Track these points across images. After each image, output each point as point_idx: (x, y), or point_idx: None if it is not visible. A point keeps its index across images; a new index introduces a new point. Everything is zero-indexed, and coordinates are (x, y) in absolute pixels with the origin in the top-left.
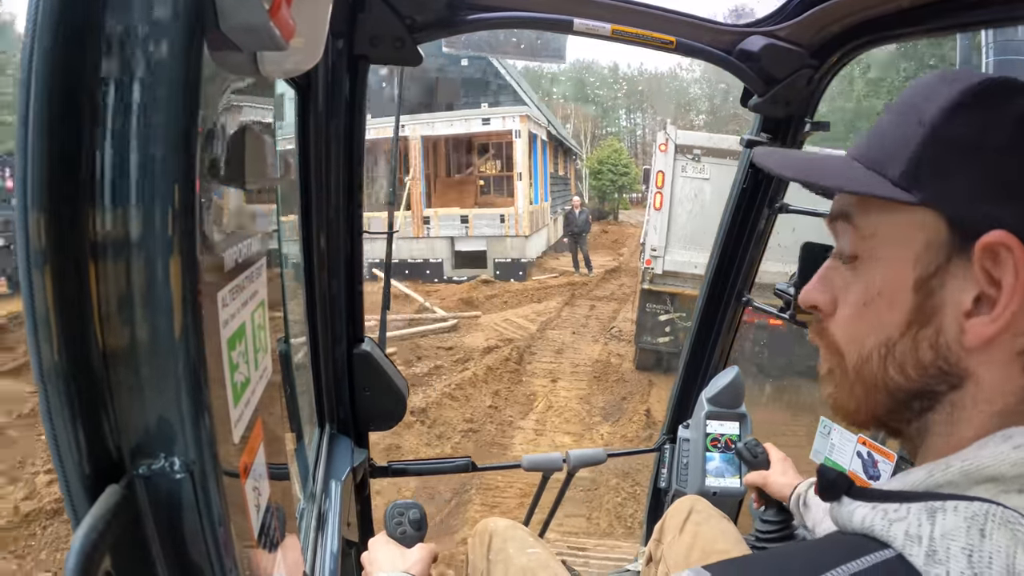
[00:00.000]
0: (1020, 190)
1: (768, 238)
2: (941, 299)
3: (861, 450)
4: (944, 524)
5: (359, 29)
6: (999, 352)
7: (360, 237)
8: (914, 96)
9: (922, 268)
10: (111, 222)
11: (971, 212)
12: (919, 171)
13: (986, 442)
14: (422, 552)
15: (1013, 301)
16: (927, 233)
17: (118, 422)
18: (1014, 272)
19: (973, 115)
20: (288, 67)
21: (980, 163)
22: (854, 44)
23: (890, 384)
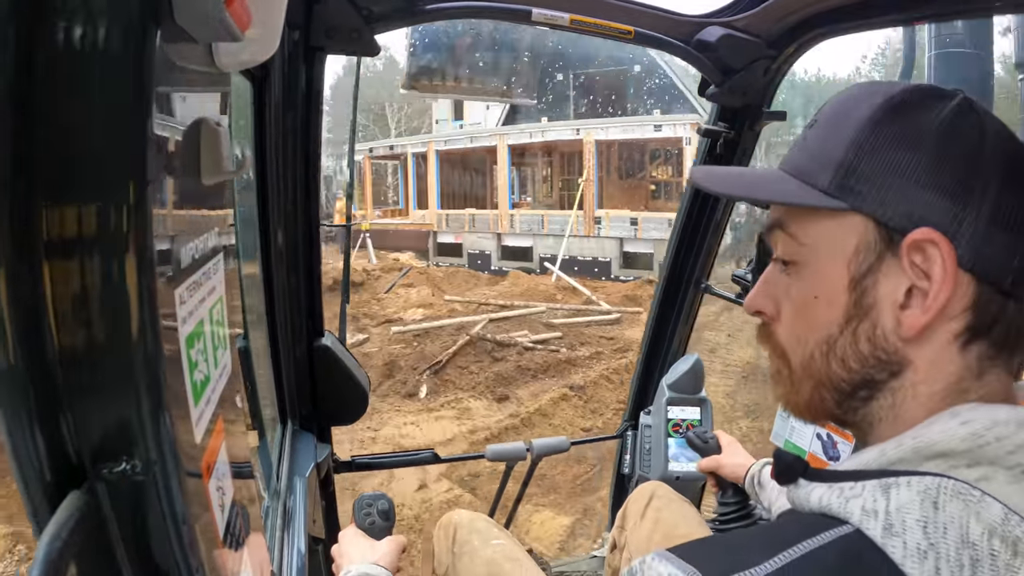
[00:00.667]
0: (940, 191)
1: (725, 225)
2: (875, 296)
3: (820, 432)
4: (899, 498)
5: (315, 20)
6: (935, 338)
7: (318, 230)
8: (838, 108)
9: (855, 268)
10: (64, 220)
11: (897, 213)
12: (846, 180)
13: (934, 420)
14: (391, 545)
15: (943, 291)
16: (858, 236)
17: (76, 425)
18: (942, 264)
19: (894, 124)
20: (244, 59)
21: (902, 169)
22: (810, 35)
23: (834, 378)
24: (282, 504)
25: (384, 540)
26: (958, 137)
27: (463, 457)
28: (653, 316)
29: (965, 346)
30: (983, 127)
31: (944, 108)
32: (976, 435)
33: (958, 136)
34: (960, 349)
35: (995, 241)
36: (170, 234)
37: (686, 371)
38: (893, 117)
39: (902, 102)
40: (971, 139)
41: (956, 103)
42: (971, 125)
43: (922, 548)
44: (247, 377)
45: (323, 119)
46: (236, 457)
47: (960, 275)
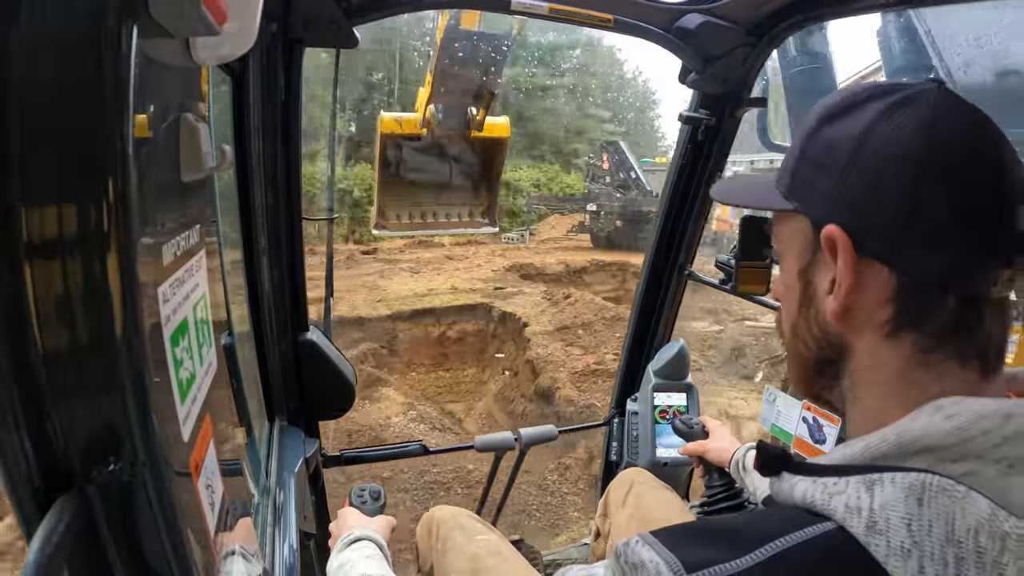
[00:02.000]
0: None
1: (708, 212)
2: (814, 285)
3: (806, 415)
4: (883, 495)
5: (293, 12)
6: (861, 324)
7: (300, 224)
8: (808, 114)
9: (801, 262)
10: (44, 220)
11: (818, 213)
12: (794, 184)
13: (918, 414)
14: (383, 521)
15: (845, 278)
16: (803, 234)
17: (63, 428)
18: (843, 256)
19: (826, 132)
20: (222, 53)
21: (828, 175)
22: (789, 22)
23: (801, 355)
24: (272, 500)
25: (377, 517)
26: (873, 139)
27: (451, 448)
28: (637, 303)
29: (894, 335)
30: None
31: (874, 109)
32: (961, 429)
33: (873, 138)
34: (888, 338)
35: (908, 239)
36: (151, 231)
37: (671, 357)
38: (826, 124)
39: (839, 108)
40: (884, 140)
41: (890, 102)
42: (894, 126)
43: (906, 546)
44: (233, 374)
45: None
46: (225, 455)
47: (867, 267)
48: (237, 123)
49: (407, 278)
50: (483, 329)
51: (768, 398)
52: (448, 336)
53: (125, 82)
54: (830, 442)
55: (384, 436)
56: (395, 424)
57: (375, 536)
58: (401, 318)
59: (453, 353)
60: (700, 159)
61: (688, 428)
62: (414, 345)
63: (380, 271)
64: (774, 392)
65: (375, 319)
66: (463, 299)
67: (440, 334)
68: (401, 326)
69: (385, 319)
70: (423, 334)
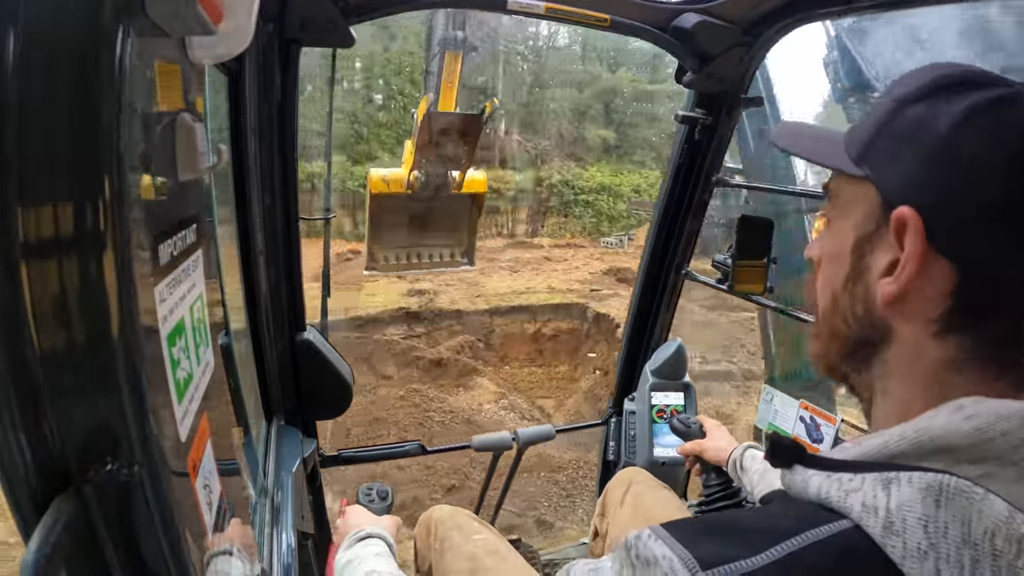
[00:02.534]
0: (937, 182)
1: (705, 212)
2: (869, 262)
3: (804, 415)
4: (900, 495)
5: (290, 12)
6: (912, 314)
7: (297, 224)
8: (893, 84)
9: (859, 233)
10: (40, 220)
11: (894, 189)
12: (868, 152)
13: (938, 412)
14: (389, 520)
15: (909, 265)
16: (866, 204)
17: (60, 428)
18: (912, 241)
19: (917, 109)
20: (218, 52)
21: (914, 153)
22: (786, 21)
23: (838, 331)
24: (270, 500)
25: (384, 516)
26: (974, 129)
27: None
28: (635, 303)
29: (942, 334)
30: (998, 128)
31: (967, 101)
32: (980, 430)
33: (964, 132)
34: (936, 336)
35: (985, 240)
36: (148, 231)
37: (669, 357)
38: (925, 97)
39: (933, 87)
40: (976, 138)
41: (982, 99)
42: (985, 122)
43: (922, 548)
44: (230, 373)
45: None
46: (222, 454)
47: (934, 258)
48: (234, 123)
49: (506, 276)
50: (577, 328)
51: (766, 397)
52: (543, 333)
53: (120, 81)
54: (827, 441)
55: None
56: (486, 410)
57: (384, 534)
58: (498, 313)
59: (547, 350)
60: (697, 159)
61: (686, 427)
62: (509, 340)
63: (480, 268)
64: (771, 391)
65: (473, 313)
66: (559, 298)
67: (535, 331)
68: (498, 321)
69: (483, 313)
70: (519, 330)
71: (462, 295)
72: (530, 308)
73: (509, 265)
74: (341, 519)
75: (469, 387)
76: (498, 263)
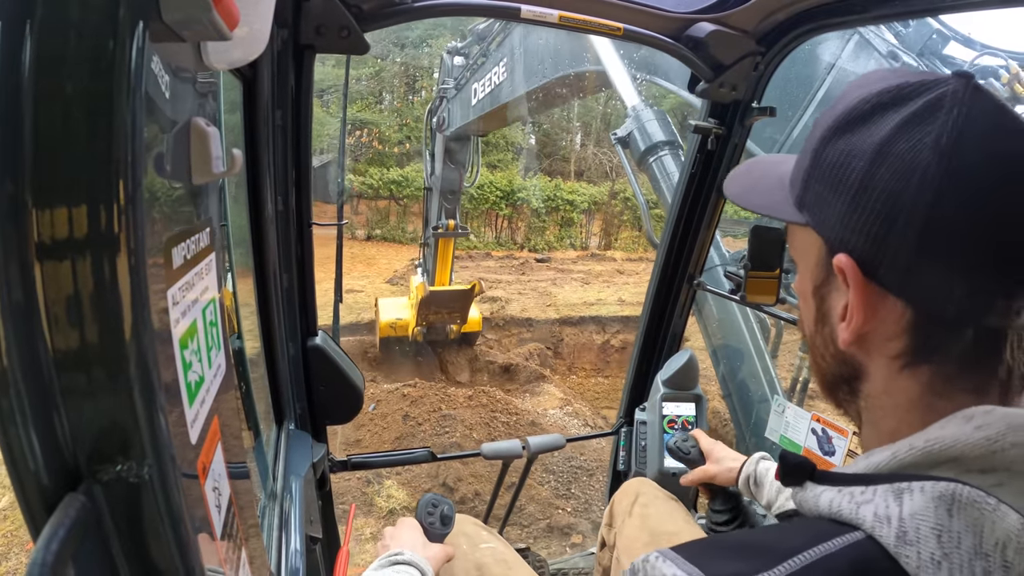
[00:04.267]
0: (864, 223)
1: (717, 222)
2: (829, 305)
3: (815, 427)
4: (912, 504)
5: (304, 18)
6: (876, 352)
7: (310, 229)
8: (829, 106)
9: (814, 279)
10: (54, 222)
11: (832, 236)
12: (805, 195)
13: (947, 423)
14: (439, 552)
15: (856, 312)
16: (815, 251)
17: (72, 428)
18: (854, 287)
19: (840, 143)
20: (233, 57)
21: (839, 196)
22: (800, 31)
23: (819, 366)
24: (279, 504)
25: (435, 545)
26: (888, 161)
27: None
28: (647, 312)
29: (908, 368)
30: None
31: (891, 121)
32: (990, 440)
33: (888, 160)
34: (903, 370)
35: (924, 271)
36: (161, 234)
37: (680, 367)
38: (843, 130)
39: (856, 115)
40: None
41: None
42: (911, 145)
43: (936, 558)
44: (241, 377)
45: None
46: (232, 458)
47: (881, 297)
48: (248, 128)
49: (577, 287)
50: None
51: (777, 409)
52: (611, 344)
53: (135, 85)
54: (839, 454)
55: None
56: (551, 415)
57: (423, 565)
58: (568, 323)
59: (614, 361)
60: (710, 169)
61: (685, 453)
62: (577, 349)
63: (553, 279)
64: (783, 403)
65: (543, 322)
66: (628, 311)
67: (603, 342)
68: (567, 331)
69: (553, 322)
70: (587, 340)
71: (533, 304)
72: (599, 319)
73: (581, 276)
74: (390, 527)
75: (536, 392)
76: (570, 274)
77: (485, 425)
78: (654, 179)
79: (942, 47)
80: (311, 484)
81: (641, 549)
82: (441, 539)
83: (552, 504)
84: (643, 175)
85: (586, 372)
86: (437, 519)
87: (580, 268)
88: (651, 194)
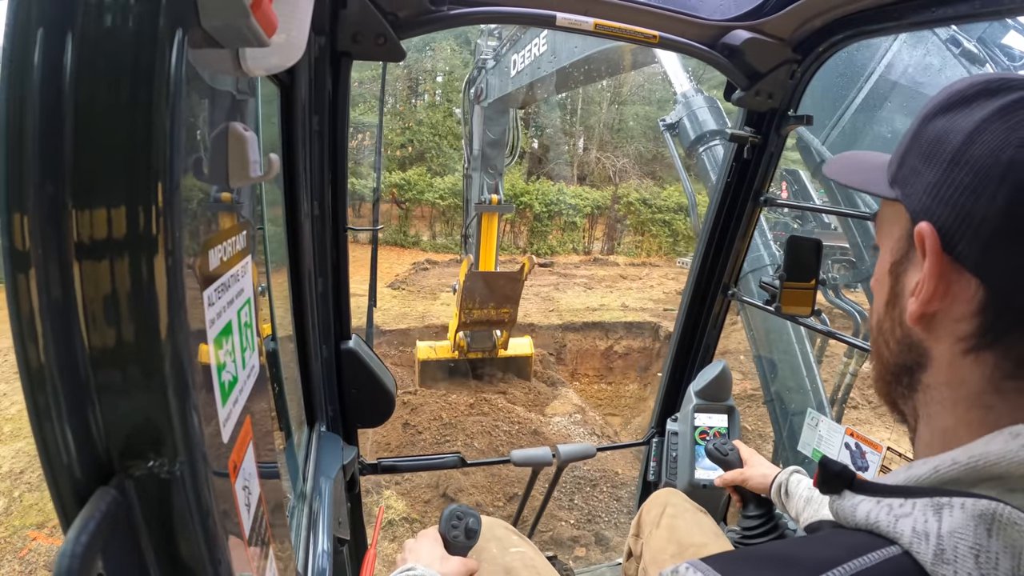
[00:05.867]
0: (953, 195)
1: (753, 231)
2: (903, 283)
3: (849, 441)
4: (951, 521)
5: (341, 26)
6: (943, 334)
7: (345, 234)
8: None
9: (894, 256)
10: (94, 222)
11: (918, 206)
12: (899, 171)
13: (993, 439)
14: (458, 567)
15: (928, 283)
16: (899, 225)
17: (106, 423)
18: (930, 258)
19: (938, 122)
20: (271, 64)
21: (932, 167)
22: (837, 38)
23: (883, 355)
24: (308, 505)
25: (456, 559)
26: (984, 137)
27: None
28: (680, 322)
29: (973, 352)
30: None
31: (991, 106)
32: None
33: (984, 136)
34: (967, 354)
35: (1003, 250)
36: (198, 236)
37: (713, 378)
38: (941, 113)
39: (957, 98)
40: (996, 141)
41: (1009, 100)
42: (1009, 126)
43: None
44: (274, 378)
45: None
46: (263, 457)
47: (957, 274)
48: (285, 133)
49: (580, 292)
50: (648, 347)
51: (811, 422)
52: (614, 350)
53: (175, 90)
54: (872, 469)
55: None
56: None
57: None
58: (571, 329)
59: (617, 367)
60: (746, 178)
61: (723, 455)
62: (580, 355)
63: (555, 284)
64: (817, 416)
65: (546, 327)
66: (632, 316)
67: (607, 348)
68: (570, 336)
69: (556, 328)
70: (590, 346)
71: (536, 309)
72: (603, 325)
73: (584, 282)
74: (411, 539)
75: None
76: (573, 279)
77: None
78: (703, 169)
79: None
80: (341, 486)
81: (668, 560)
82: (464, 552)
83: (555, 516)
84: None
85: (589, 379)
86: (461, 532)
87: (583, 273)
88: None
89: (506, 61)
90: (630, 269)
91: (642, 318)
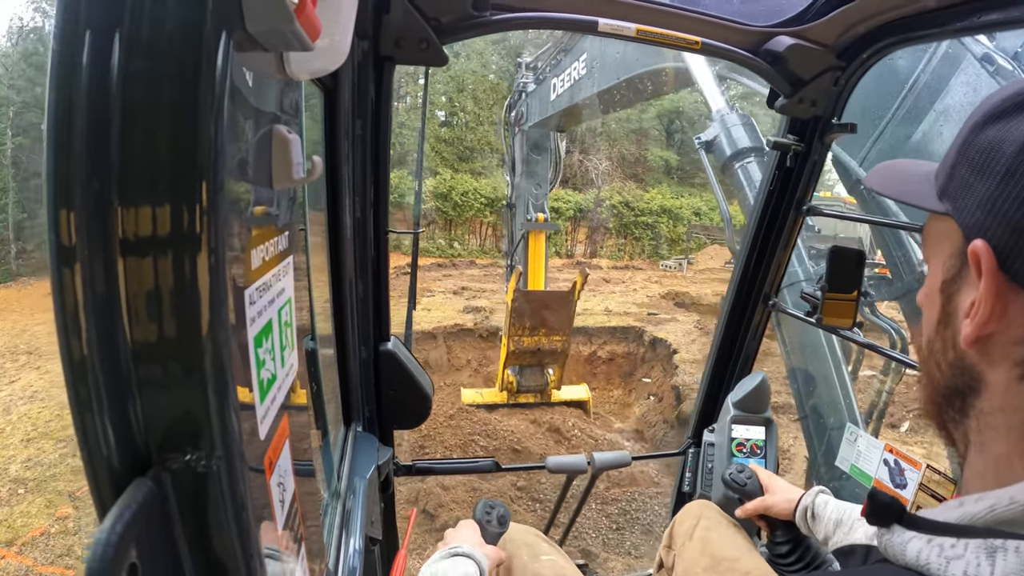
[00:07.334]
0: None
1: (795, 240)
2: (956, 303)
3: (888, 458)
4: (1006, 566)
5: (384, 30)
6: (998, 358)
7: (386, 236)
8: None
9: (945, 273)
10: (140, 220)
11: (974, 224)
12: (948, 184)
13: None
14: (494, 552)
15: (984, 304)
16: (951, 241)
17: (145, 416)
18: (986, 278)
19: (990, 132)
20: (314, 67)
21: (985, 181)
22: (881, 44)
23: (933, 377)
24: (342, 503)
25: (491, 546)
26: None
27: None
28: (720, 332)
29: None
30: None
31: None
32: None
33: None
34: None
35: None
36: (241, 236)
37: (752, 389)
38: (992, 122)
39: (1010, 105)
40: None
41: None
42: None
43: None
44: (312, 377)
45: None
46: (299, 455)
47: (1015, 295)
48: (328, 136)
49: None
50: (633, 352)
51: (849, 437)
52: (598, 356)
53: (220, 92)
54: (911, 487)
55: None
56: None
57: (480, 558)
58: None
59: (601, 373)
60: (789, 186)
61: (741, 485)
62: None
63: None
64: (856, 431)
65: None
66: (616, 321)
67: (591, 353)
68: None
69: None
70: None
71: None
72: (586, 330)
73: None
74: (451, 528)
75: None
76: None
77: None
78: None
79: None
80: (375, 486)
81: (701, 573)
82: (496, 539)
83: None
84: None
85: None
86: (495, 519)
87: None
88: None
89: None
90: (613, 272)
91: (626, 322)
